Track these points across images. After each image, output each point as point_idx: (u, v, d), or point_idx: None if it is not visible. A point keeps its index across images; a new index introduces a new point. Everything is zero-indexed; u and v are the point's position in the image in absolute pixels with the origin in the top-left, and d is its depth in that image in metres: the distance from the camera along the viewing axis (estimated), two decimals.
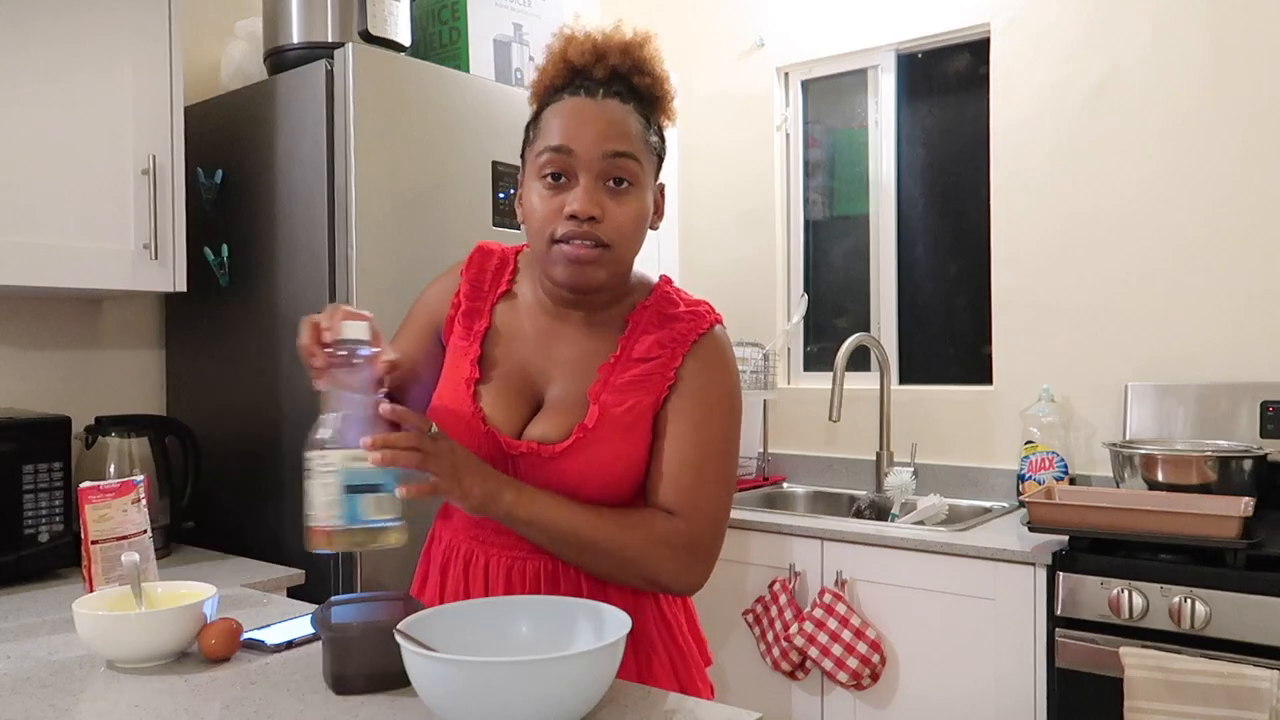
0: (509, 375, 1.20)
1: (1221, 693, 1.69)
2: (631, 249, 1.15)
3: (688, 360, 1.17)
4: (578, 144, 1.10)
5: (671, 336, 1.17)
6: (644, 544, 1.12)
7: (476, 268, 1.27)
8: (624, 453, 1.15)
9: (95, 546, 1.41)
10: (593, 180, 1.10)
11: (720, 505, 1.17)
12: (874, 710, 2.21)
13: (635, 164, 1.12)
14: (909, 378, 2.90)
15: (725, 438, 1.17)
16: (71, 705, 1.06)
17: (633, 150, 1.11)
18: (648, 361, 1.16)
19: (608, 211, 1.10)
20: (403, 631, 0.95)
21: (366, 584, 1.81)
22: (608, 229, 1.10)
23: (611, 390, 1.16)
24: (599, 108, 1.12)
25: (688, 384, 1.16)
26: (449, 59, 2.17)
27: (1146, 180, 2.44)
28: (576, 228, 1.09)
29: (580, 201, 1.09)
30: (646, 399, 1.16)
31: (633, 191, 1.12)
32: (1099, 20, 2.50)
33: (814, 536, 2.29)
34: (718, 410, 1.17)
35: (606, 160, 1.10)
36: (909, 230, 2.93)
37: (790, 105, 3.10)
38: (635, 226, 1.13)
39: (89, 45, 1.78)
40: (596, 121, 1.11)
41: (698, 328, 1.18)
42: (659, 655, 1.21)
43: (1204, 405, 2.30)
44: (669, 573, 1.13)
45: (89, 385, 2.11)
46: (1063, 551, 1.95)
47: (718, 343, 1.19)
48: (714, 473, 1.16)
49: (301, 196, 1.90)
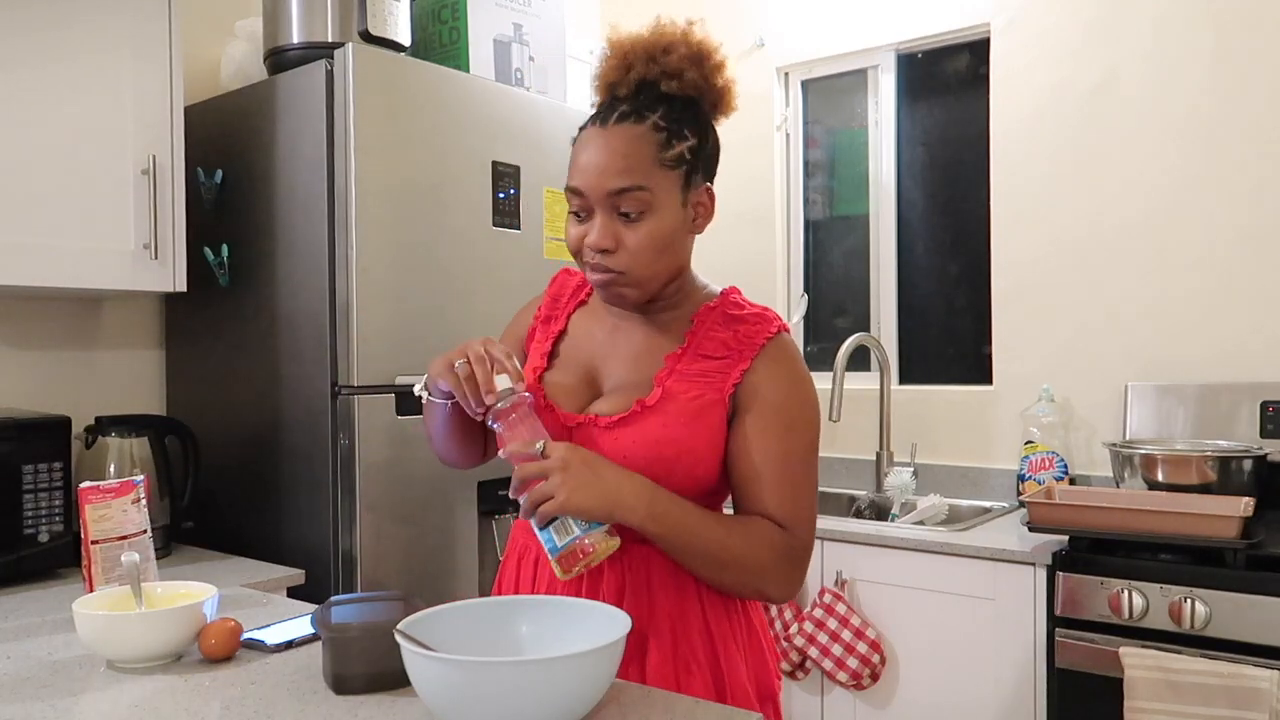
0: (575, 365, 1.26)
1: (1221, 693, 1.69)
2: (653, 268, 1.17)
3: (758, 363, 1.19)
4: (585, 184, 1.15)
5: (738, 337, 1.20)
6: (765, 554, 1.15)
7: (558, 285, 1.37)
8: (679, 438, 1.15)
9: (95, 546, 1.41)
10: (606, 215, 1.15)
11: (815, 517, 1.21)
12: (874, 710, 2.21)
13: (643, 194, 1.14)
14: (909, 378, 2.90)
15: (813, 449, 1.21)
16: (71, 705, 1.06)
17: (637, 182, 1.13)
18: (716, 359, 1.19)
19: (622, 241, 1.15)
20: (403, 631, 0.95)
21: (366, 584, 1.81)
22: (621, 259, 1.15)
23: (678, 378, 1.18)
24: (605, 140, 1.15)
25: (767, 390, 1.18)
26: (449, 59, 2.17)
27: (1146, 181, 2.44)
28: (593, 259, 1.17)
29: (593, 236, 1.15)
30: (713, 393, 1.18)
31: (645, 218, 1.15)
32: (1099, 20, 2.50)
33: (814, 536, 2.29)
34: (803, 421, 1.19)
35: (610, 197, 1.14)
36: (909, 230, 2.93)
37: (790, 105, 3.10)
38: (651, 250, 1.16)
39: (89, 46, 1.78)
40: (600, 157, 1.14)
41: (766, 330, 1.21)
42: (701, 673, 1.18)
43: (1204, 405, 2.30)
44: (777, 583, 1.16)
45: (89, 385, 2.12)
46: (1063, 551, 1.95)
47: (790, 350, 1.22)
48: (808, 485, 1.19)
49: (301, 196, 1.90)
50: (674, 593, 1.17)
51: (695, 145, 1.18)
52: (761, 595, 1.17)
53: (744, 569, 1.14)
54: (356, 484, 1.81)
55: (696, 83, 1.18)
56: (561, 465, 1.07)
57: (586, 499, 1.07)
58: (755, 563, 1.14)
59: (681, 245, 1.21)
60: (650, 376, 1.20)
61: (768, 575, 1.15)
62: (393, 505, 1.86)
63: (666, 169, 1.15)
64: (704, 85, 1.19)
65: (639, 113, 1.15)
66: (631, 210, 1.14)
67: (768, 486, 1.17)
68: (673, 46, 1.18)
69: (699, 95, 1.19)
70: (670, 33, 1.19)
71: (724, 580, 1.15)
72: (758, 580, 1.15)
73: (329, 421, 1.84)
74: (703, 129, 1.20)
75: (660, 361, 1.21)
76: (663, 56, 1.17)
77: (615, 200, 1.14)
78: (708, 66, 1.19)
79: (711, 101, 1.21)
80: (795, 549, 1.17)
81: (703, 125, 1.20)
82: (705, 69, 1.19)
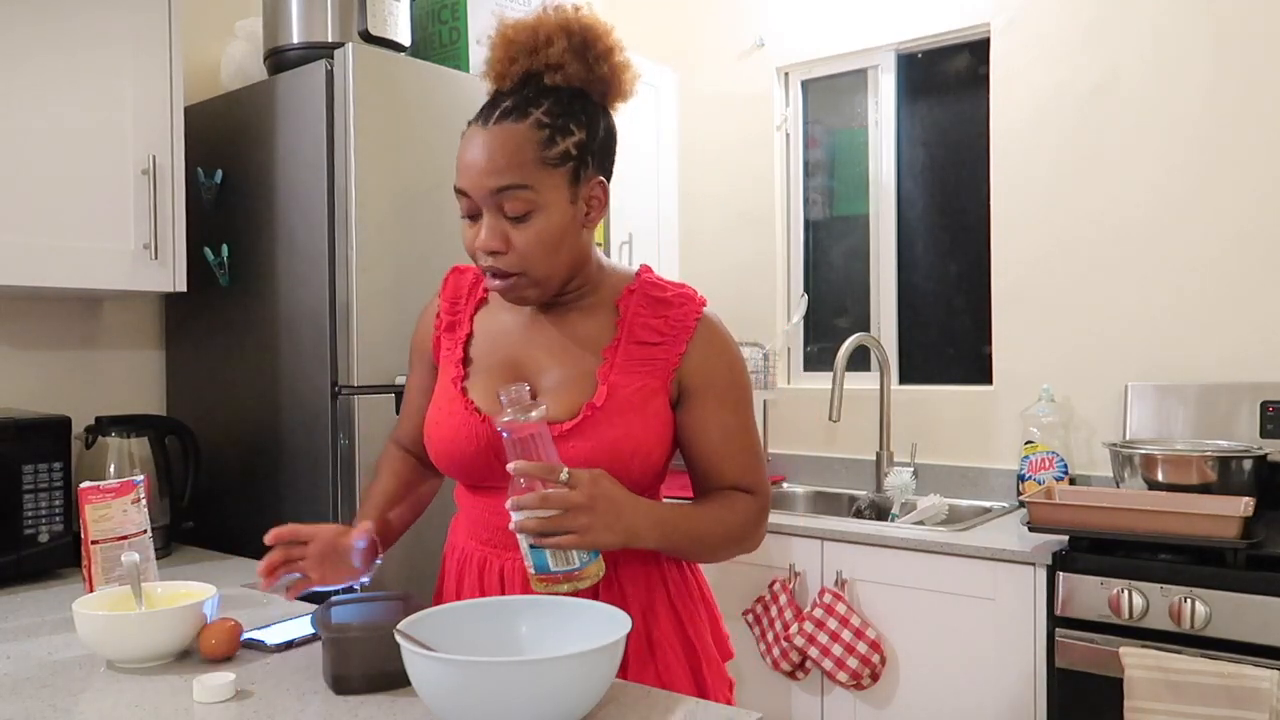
0: (497, 367, 1.23)
1: (1221, 693, 1.69)
2: (548, 267, 1.14)
3: (693, 347, 1.19)
4: (468, 185, 1.12)
5: (669, 323, 1.20)
6: (747, 524, 1.22)
7: (451, 287, 1.32)
8: (632, 433, 1.15)
9: (95, 546, 1.41)
10: (493, 215, 1.12)
11: (765, 466, 1.31)
12: (874, 710, 2.21)
13: (527, 193, 1.10)
14: (909, 378, 2.90)
15: (751, 410, 1.26)
16: (71, 705, 1.06)
17: (518, 180, 1.10)
18: (652, 345, 1.19)
19: (511, 242, 1.12)
20: (403, 631, 0.95)
21: (366, 584, 1.81)
22: (512, 260, 1.13)
23: (619, 371, 1.17)
24: (486, 140, 1.11)
25: (714, 374, 1.21)
26: (449, 59, 2.17)
27: (1147, 180, 2.44)
28: (486, 261, 1.14)
29: (482, 237, 1.12)
30: (654, 381, 1.18)
31: (532, 218, 1.11)
32: (1099, 20, 2.50)
33: (814, 536, 2.29)
34: (746, 391, 1.25)
35: (493, 196, 1.11)
36: (909, 230, 2.93)
37: (790, 105, 3.10)
38: (541, 250, 1.13)
39: (89, 45, 1.78)
40: (481, 157, 1.11)
41: (694, 311, 1.21)
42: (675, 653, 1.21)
43: (1204, 405, 2.30)
44: (753, 541, 1.25)
45: (89, 385, 2.11)
46: (1063, 551, 1.95)
47: (719, 327, 1.24)
48: (759, 446, 1.27)
49: (301, 196, 1.90)
50: (642, 583, 1.21)
51: (583, 140, 1.14)
52: (738, 554, 1.25)
53: (732, 542, 1.22)
54: (356, 484, 1.81)
55: (581, 74, 1.15)
56: (589, 504, 1.05)
57: (607, 538, 1.07)
58: (741, 534, 1.22)
59: (575, 241, 1.16)
60: (585, 370, 1.18)
61: (748, 540, 1.23)
62: None
63: (550, 167, 1.11)
64: (589, 76, 1.15)
65: (521, 109, 1.12)
66: (517, 211, 1.11)
67: (731, 461, 1.22)
68: (554, 37, 1.13)
69: (585, 87, 1.16)
70: (549, 22, 1.14)
71: (715, 558, 1.23)
72: (740, 547, 1.23)
73: (329, 421, 1.84)
74: (591, 120, 1.15)
75: (593, 354, 1.19)
76: (545, 49, 1.13)
77: (498, 200, 1.11)
78: (591, 55, 1.15)
79: (600, 92, 1.17)
80: (764, 508, 1.25)
81: (591, 116, 1.15)
82: (589, 58, 1.15)
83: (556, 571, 1.06)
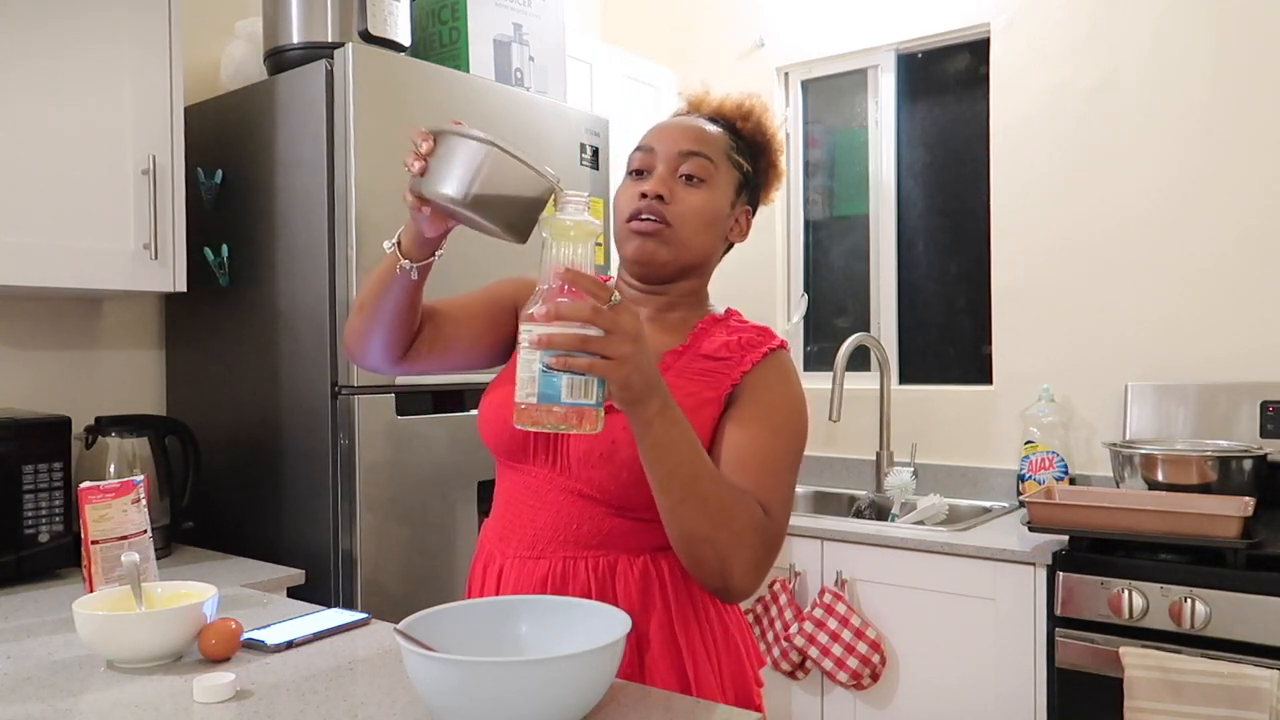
0: None
1: (1221, 693, 1.69)
2: (696, 236, 1.21)
3: (757, 369, 1.19)
4: (658, 143, 1.23)
5: (740, 343, 1.21)
6: (745, 521, 1.07)
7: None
8: None
9: (95, 546, 1.41)
10: (668, 171, 1.21)
11: (789, 516, 1.17)
12: (874, 710, 2.21)
13: (708, 163, 1.21)
14: (909, 378, 2.90)
15: (795, 453, 1.18)
16: (71, 705, 1.06)
17: (707, 151, 1.22)
18: (716, 360, 1.20)
19: (676, 195, 1.20)
20: (403, 632, 0.95)
21: (366, 584, 1.81)
22: (673, 210, 1.19)
23: (674, 374, 1.18)
24: (687, 120, 1.27)
25: (762, 391, 1.18)
26: (449, 59, 2.17)
27: (1146, 181, 2.44)
28: (645, 204, 1.20)
29: (651, 183, 1.20)
30: (709, 392, 1.17)
31: (704, 187, 1.21)
32: (1099, 21, 2.50)
33: (814, 536, 2.29)
34: (791, 428, 1.17)
35: (680, 157, 1.21)
36: (909, 230, 2.93)
37: (790, 105, 3.10)
38: (700, 214, 1.21)
39: (89, 45, 1.78)
40: (681, 125, 1.25)
41: (769, 343, 1.22)
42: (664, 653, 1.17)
43: (1204, 405, 2.30)
44: (744, 562, 1.07)
45: (89, 385, 2.11)
46: (1063, 551, 1.95)
47: (789, 366, 1.23)
48: (788, 483, 1.16)
49: (301, 196, 1.90)
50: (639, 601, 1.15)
51: (751, 173, 1.29)
52: (724, 572, 1.06)
53: (721, 522, 1.05)
54: (356, 484, 1.81)
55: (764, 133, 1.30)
56: (633, 335, 0.94)
57: (637, 380, 0.96)
58: (734, 520, 1.06)
59: (716, 237, 1.25)
60: None
61: (742, 543, 1.06)
62: (393, 505, 1.86)
63: (730, 163, 1.24)
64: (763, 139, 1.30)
65: (718, 123, 1.27)
66: (695, 173, 1.20)
67: (751, 470, 1.12)
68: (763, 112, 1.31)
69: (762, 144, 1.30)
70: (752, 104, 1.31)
71: (698, 529, 1.04)
72: (730, 545, 1.05)
73: (329, 421, 1.84)
74: (756, 166, 1.30)
75: (659, 356, 1.19)
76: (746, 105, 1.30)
77: (682, 161, 1.21)
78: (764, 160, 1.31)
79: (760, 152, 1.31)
80: (771, 532, 1.10)
81: (756, 164, 1.30)
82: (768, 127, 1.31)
83: (567, 403, 0.92)
